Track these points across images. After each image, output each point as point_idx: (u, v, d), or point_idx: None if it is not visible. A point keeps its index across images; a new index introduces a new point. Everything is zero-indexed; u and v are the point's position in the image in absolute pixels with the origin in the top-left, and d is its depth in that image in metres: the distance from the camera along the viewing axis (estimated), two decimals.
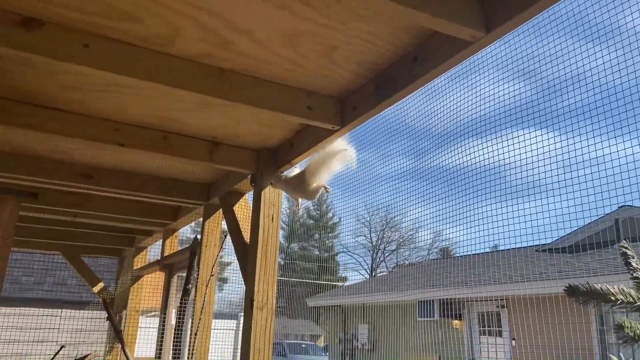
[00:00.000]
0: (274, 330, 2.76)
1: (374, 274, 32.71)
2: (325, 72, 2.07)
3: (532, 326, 9.01)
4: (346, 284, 25.27)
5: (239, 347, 2.80)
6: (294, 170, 2.82)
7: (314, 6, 1.65)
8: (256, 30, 1.79)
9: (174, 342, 3.77)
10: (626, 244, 1.38)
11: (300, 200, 2.87)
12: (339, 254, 37.46)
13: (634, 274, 1.34)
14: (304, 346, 23.05)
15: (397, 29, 1.76)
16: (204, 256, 3.75)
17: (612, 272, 8.60)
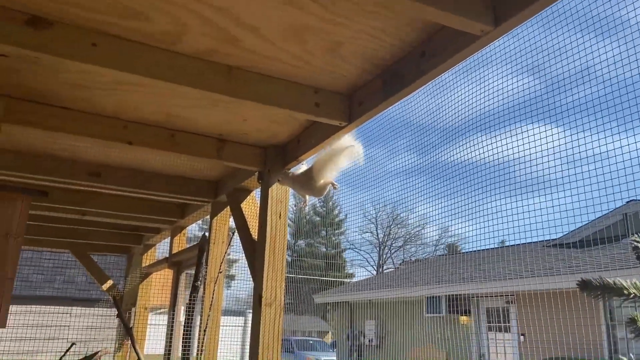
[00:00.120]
0: (282, 326, 2.77)
1: (380, 270, 32.70)
2: (332, 68, 2.07)
3: (540, 321, 8.97)
4: (353, 281, 25.27)
5: (247, 344, 2.81)
6: (301, 167, 2.81)
7: (320, 2, 1.65)
8: (263, 26, 1.79)
9: (183, 339, 3.79)
10: (638, 238, 1.37)
11: (307, 197, 2.87)
12: (346, 251, 37.51)
13: None
14: (311, 342, 23.10)
15: (405, 24, 1.75)
16: (212, 253, 3.76)
17: (621, 266, 8.55)
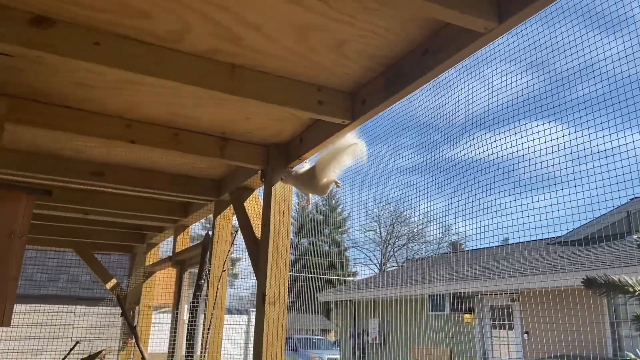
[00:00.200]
0: (286, 325, 2.77)
1: (384, 268, 32.69)
2: (335, 67, 2.06)
3: (544, 319, 8.96)
4: (356, 279, 25.27)
5: (250, 342, 2.81)
6: (305, 165, 2.81)
7: (324, 0, 1.64)
8: (266, 25, 1.79)
9: (186, 337, 3.79)
10: None
11: (310, 195, 2.86)
12: (349, 249, 37.49)
13: None
14: (314, 341, 23.14)
15: (408, 21, 1.74)
16: (215, 252, 3.76)
17: (626, 264, 8.53)
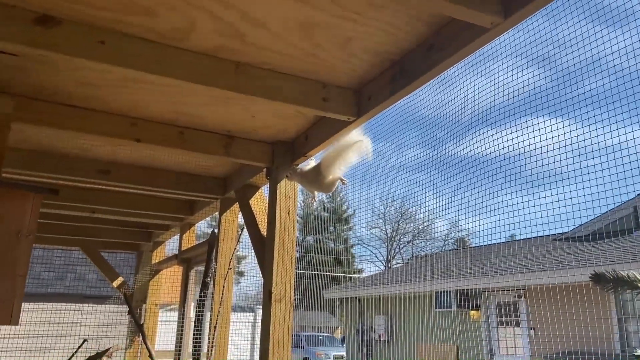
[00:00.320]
0: (292, 322, 2.77)
1: (389, 265, 32.68)
2: (340, 63, 2.06)
3: (550, 315, 8.93)
4: (362, 276, 25.27)
5: (257, 339, 2.82)
6: (310, 162, 2.81)
7: None
8: (271, 21, 1.79)
9: (193, 335, 3.80)
10: None
11: (316, 193, 2.86)
12: (354, 246, 37.50)
13: None
14: (321, 338, 23.18)
15: (413, 17, 1.74)
16: (221, 250, 3.77)
17: (633, 260, 8.48)
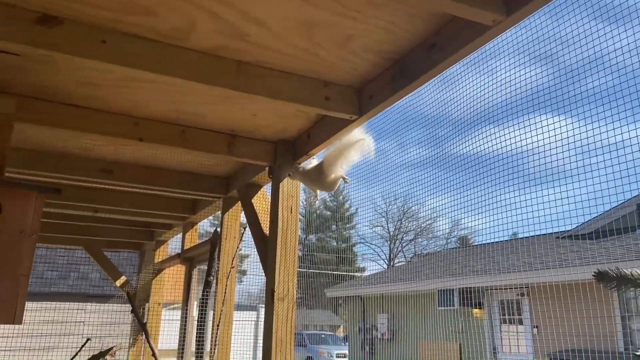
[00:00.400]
0: (295, 320, 2.77)
1: (392, 264, 32.68)
2: (342, 62, 2.06)
3: (554, 313, 8.92)
4: (365, 275, 25.28)
5: (260, 338, 2.82)
6: (312, 161, 2.81)
7: None
8: (272, 20, 1.79)
9: (196, 334, 3.81)
10: None
11: (318, 191, 2.86)
12: (357, 245, 37.51)
13: None
14: (323, 336, 23.20)
15: (415, 15, 1.73)
16: (223, 249, 3.77)
17: (636, 257, 8.46)
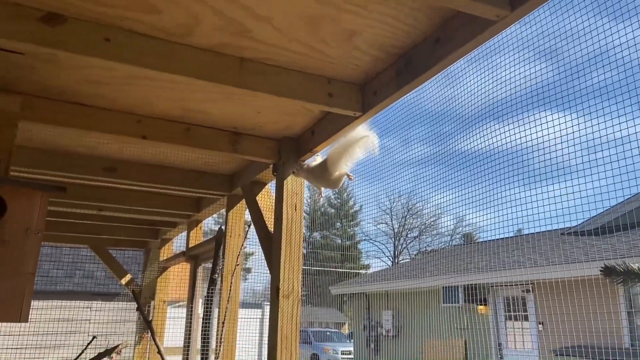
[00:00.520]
0: (300, 318, 2.77)
1: (396, 261, 32.68)
2: (345, 58, 2.05)
3: (559, 309, 8.90)
4: (369, 272, 25.30)
5: (265, 335, 2.82)
6: (316, 158, 2.81)
7: None
8: (275, 17, 1.78)
9: (201, 331, 3.82)
10: None
11: (322, 189, 2.86)
12: (361, 242, 37.53)
13: None
14: (328, 334, 23.24)
15: (419, 10, 1.73)
16: (228, 246, 3.78)
17: None
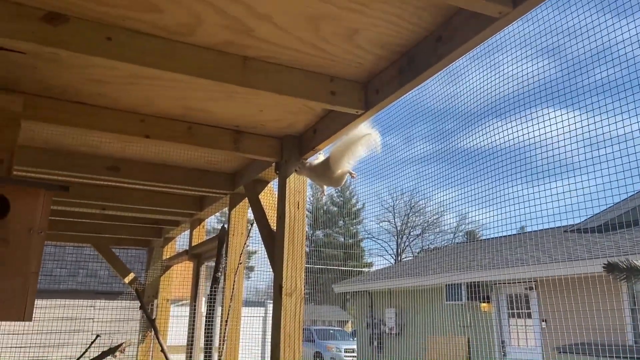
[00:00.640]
0: (303, 316, 2.78)
1: (399, 258, 32.68)
2: (347, 56, 2.05)
3: (563, 307, 8.89)
4: (372, 270, 25.31)
5: (268, 334, 2.82)
6: (319, 156, 2.81)
7: None
8: (277, 15, 1.78)
9: (205, 329, 3.83)
10: None
11: (325, 187, 2.86)
12: (364, 240, 37.54)
13: None
14: (331, 332, 23.25)
15: (421, 8, 1.72)
16: (231, 245, 3.78)
17: None
